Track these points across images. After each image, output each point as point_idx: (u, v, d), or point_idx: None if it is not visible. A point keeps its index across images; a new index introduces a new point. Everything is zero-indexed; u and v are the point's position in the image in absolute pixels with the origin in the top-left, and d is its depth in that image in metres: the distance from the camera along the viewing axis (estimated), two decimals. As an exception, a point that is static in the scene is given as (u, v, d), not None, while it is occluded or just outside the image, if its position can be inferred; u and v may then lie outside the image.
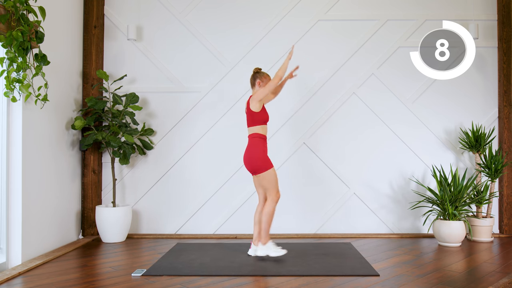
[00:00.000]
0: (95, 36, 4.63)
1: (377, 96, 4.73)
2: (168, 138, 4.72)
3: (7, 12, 3.19)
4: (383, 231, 4.67)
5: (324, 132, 4.73)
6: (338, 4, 4.78)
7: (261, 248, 3.62)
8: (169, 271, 3.19)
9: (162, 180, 4.71)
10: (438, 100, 4.73)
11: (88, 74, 4.59)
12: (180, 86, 4.74)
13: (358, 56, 4.75)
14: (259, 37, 4.74)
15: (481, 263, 3.44)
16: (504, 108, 4.63)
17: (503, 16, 4.66)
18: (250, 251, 3.69)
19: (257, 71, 3.72)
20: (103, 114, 4.39)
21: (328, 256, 3.64)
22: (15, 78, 3.27)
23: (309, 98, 4.73)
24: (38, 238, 3.68)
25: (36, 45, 3.46)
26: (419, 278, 3.03)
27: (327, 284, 2.90)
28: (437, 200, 4.25)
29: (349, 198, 4.69)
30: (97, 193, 4.61)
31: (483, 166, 4.43)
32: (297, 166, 4.71)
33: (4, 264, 3.34)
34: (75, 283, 2.95)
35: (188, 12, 4.76)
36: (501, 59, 4.67)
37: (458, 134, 4.71)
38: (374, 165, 4.70)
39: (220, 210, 4.68)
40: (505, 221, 4.59)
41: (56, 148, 4.03)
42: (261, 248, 3.61)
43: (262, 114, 3.62)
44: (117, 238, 4.32)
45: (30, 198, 3.56)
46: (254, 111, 3.60)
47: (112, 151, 4.37)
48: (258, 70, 3.72)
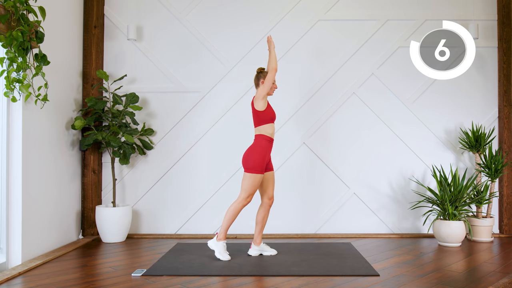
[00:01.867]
0: (95, 36, 4.63)
1: (377, 96, 4.74)
2: (168, 138, 4.72)
3: (7, 12, 3.19)
4: (383, 231, 4.67)
5: (324, 132, 4.73)
6: (338, 4, 4.78)
7: (213, 241, 3.55)
8: (169, 271, 3.19)
9: (162, 180, 4.71)
10: (438, 100, 4.73)
11: (88, 74, 4.59)
12: (180, 86, 4.74)
13: (358, 56, 4.75)
14: (259, 37, 4.74)
15: (481, 263, 3.44)
16: (504, 108, 4.63)
17: (503, 16, 4.67)
18: (250, 251, 3.70)
19: (261, 71, 3.72)
20: (103, 114, 4.39)
21: (328, 256, 3.64)
22: (15, 78, 3.27)
23: (309, 98, 4.73)
24: (38, 238, 3.68)
25: (36, 45, 3.46)
26: (419, 278, 3.03)
27: (327, 284, 2.90)
28: (437, 200, 4.25)
29: (349, 198, 4.69)
30: (97, 193, 4.61)
31: (483, 166, 4.43)
32: (297, 166, 4.71)
33: (4, 264, 3.34)
34: (75, 283, 2.95)
35: (188, 12, 4.77)
36: (501, 59, 4.67)
37: (458, 134, 4.71)
38: (374, 165, 4.70)
39: (220, 210, 4.67)
40: (505, 221, 4.59)
41: (56, 148, 4.03)
42: (213, 241, 3.55)
43: (268, 112, 3.60)
44: (117, 238, 4.32)
45: (30, 198, 3.56)
46: (259, 110, 3.58)
47: (112, 151, 4.37)
48: (261, 70, 3.72)
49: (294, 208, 4.68)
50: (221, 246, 3.54)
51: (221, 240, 3.55)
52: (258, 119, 3.59)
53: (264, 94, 3.56)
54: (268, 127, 3.59)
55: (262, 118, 3.58)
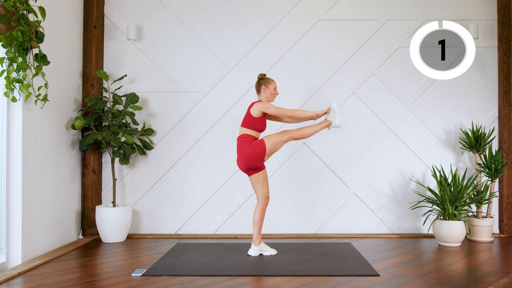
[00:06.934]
0: (95, 36, 4.63)
1: (377, 96, 4.73)
2: (168, 138, 4.72)
3: (7, 12, 3.19)
4: (383, 231, 4.67)
5: (324, 132, 4.72)
6: (338, 4, 4.78)
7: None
8: (169, 271, 3.19)
9: (162, 180, 4.71)
10: (438, 100, 4.73)
11: (88, 74, 4.59)
12: (180, 86, 4.74)
13: (358, 56, 4.75)
14: (259, 37, 4.74)
15: (481, 263, 3.44)
16: (504, 108, 4.63)
17: (503, 16, 4.66)
18: (250, 251, 3.70)
19: (262, 77, 3.72)
20: (103, 114, 4.39)
21: (328, 256, 3.64)
22: (15, 78, 3.27)
23: (309, 98, 4.73)
24: (38, 238, 3.68)
25: (36, 45, 3.46)
26: (419, 278, 3.03)
27: (327, 284, 2.90)
28: (437, 200, 4.25)
29: (349, 198, 4.69)
30: (97, 193, 4.61)
31: (483, 166, 4.43)
32: (297, 166, 4.71)
33: (4, 264, 3.34)
34: (75, 283, 2.95)
35: (188, 12, 4.77)
36: (501, 59, 4.67)
37: (458, 134, 4.71)
38: (374, 165, 4.70)
39: (220, 210, 4.68)
40: (505, 221, 4.59)
41: (56, 148, 4.03)
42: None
43: (258, 122, 3.62)
44: (117, 238, 4.32)
45: (30, 198, 3.56)
46: (252, 116, 3.61)
47: (112, 151, 4.37)
48: (262, 76, 3.73)
49: (294, 208, 4.68)
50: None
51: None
52: (247, 122, 3.64)
53: (264, 112, 3.62)
54: (253, 133, 3.63)
55: (251, 124, 3.61)
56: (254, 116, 3.60)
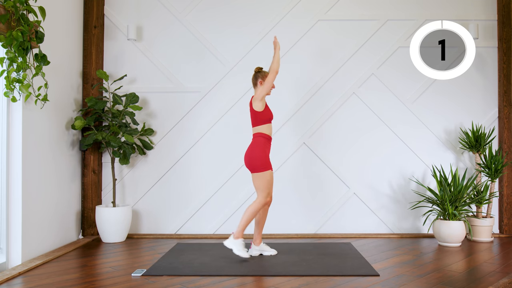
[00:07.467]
0: (95, 36, 4.63)
1: (377, 96, 4.73)
2: (168, 138, 4.72)
3: (7, 12, 3.19)
4: (383, 231, 4.67)
5: (324, 132, 4.73)
6: (338, 4, 4.78)
7: (230, 240, 3.55)
8: (169, 271, 3.19)
9: (162, 180, 4.71)
10: (438, 100, 4.73)
11: (88, 74, 4.59)
12: (180, 86, 4.74)
13: (358, 56, 4.75)
14: (259, 37, 4.74)
15: (481, 263, 3.44)
16: (504, 108, 4.63)
17: (503, 16, 4.66)
18: (250, 251, 3.70)
19: (258, 71, 3.72)
20: (103, 114, 4.39)
21: (328, 256, 3.64)
22: (15, 78, 3.27)
23: (309, 98, 4.73)
24: (38, 238, 3.68)
25: (36, 45, 3.46)
26: (419, 278, 3.03)
27: (327, 284, 2.90)
28: (437, 200, 4.25)
29: (349, 198, 4.69)
30: (97, 193, 4.61)
31: (483, 166, 4.42)
32: (297, 166, 4.71)
33: (4, 264, 3.34)
34: (75, 283, 2.95)
35: (188, 12, 4.76)
36: (501, 59, 4.67)
37: (458, 134, 4.71)
38: (374, 165, 4.70)
39: (220, 210, 4.68)
40: (505, 221, 4.59)
41: (56, 148, 4.03)
42: (230, 240, 3.55)
43: (265, 113, 3.62)
44: (117, 238, 4.32)
45: (30, 198, 3.56)
46: (257, 111, 3.60)
47: (112, 151, 4.37)
48: (259, 70, 3.72)
49: (294, 208, 4.68)
50: (239, 244, 3.53)
51: (238, 238, 3.55)
52: (256, 120, 3.62)
53: (263, 95, 3.57)
54: (266, 127, 3.61)
55: (260, 119, 3.60)
56: (258, 110, 3.59)
